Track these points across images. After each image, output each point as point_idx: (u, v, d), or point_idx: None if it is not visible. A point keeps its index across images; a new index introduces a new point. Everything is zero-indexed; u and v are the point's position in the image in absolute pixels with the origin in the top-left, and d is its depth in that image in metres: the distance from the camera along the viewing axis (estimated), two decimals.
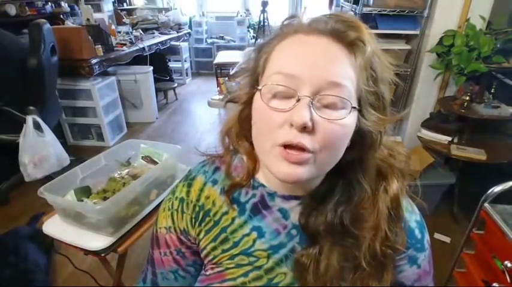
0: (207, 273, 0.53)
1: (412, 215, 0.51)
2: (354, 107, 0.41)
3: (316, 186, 0.49)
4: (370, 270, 0.46)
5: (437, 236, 1.83)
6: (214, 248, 0.52)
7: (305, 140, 0.39)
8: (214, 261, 0.52)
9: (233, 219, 0.52)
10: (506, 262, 0.95)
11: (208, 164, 0.58)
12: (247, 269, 0.50)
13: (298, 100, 0.39)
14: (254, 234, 0.51)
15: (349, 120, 0.41)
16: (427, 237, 0.52)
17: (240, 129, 0.52)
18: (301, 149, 0.39)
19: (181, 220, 0.55)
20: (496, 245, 1.04)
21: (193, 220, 0.54)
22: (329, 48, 0.41)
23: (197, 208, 0.54)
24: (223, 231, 0.52)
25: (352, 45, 0.41)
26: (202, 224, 0.54)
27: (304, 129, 0.39)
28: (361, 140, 0.44)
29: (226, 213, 0.53)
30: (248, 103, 0.47)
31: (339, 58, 0.40)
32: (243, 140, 0.53)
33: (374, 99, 0.43)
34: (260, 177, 0.53)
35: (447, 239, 1.81)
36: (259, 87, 0.43)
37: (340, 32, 0.41)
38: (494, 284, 1.01)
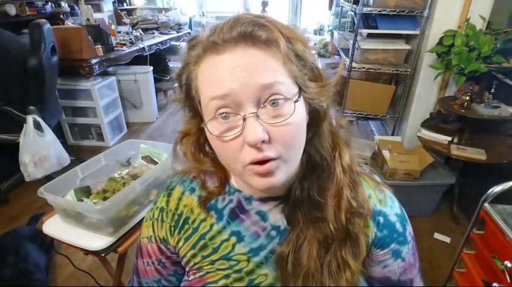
0: (189, 279, 0.53)
1: (392, 209, 0.52)
2: (296, 101, 0.41)
3: (291, 183, 0.49)
4: (339, 236, 0.47)
5: (437, 236, 1.83)
6: (194, 255, 0.53)
7: (268, 152, 0.40)
8: (195, 267, 0.53)
9: (211, 225, 0.53)
10: (506, 262, 0.95)
11: (186, 175, 0.59)
12: (228, 272, 0.51)
13: (244, 119, 0.40)
14: (233, 239, 0.52)
15: (297, 112, 0.42)
16: (409, 229, 0.53)
17: (195, 153, 0.51)
18: (269, 160, 0.41)
19: (160, 229, 0.56)
20: (496, 245, 1.04)
21: (172, 229, 0.55)
22: (246, 55, 0.40)
23: (176, 217, 0.55)
24: (202, 238, 0.53)
25: (266, 43, 0.40)
26: (182, 232, 0.55)
27: (262, 143, 0.39)
28: (316, 115, 0.46)
29: (204, 220, 0.54)
30: (200, 130, 0.48)
31: (260, 60, 0.40)
32: (204, 158, 0.52)
33: (310, 73, 0.44)
34: (234, 182, 0.54)
35: (447, 239, 1.81)
36: (205, 123, 0.43)
37: (250, 35, 0.40)
38: (494, 284, 1.01)
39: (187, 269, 0.55)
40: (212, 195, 0.54)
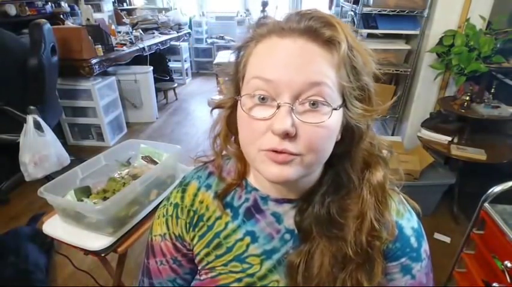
0: (201, 278, 0.53)
1: (408, 222, 0.50)
2: (335, 109, 0.40)
3: (308, 188, 0.49)
4: (358, 260, 0.45)
5: (437, 236, 1.83)
6: (207, 254, 0.52)
7: (289, 146, 0.39)
8: (207, 267, 0.52)
9: (226, 224, 0.52)
10: (506, 262, 0.95)
11: (202, 170, 0.58)
12: (240, 275, 0.50)
13: (279, 107, 0.39)
14: (247, 239, 0.51)
15: (332, 120, 0.40)
16: (424, 247, 0.50)
17: (228, 133, 0.51)
18: (287, 153, 0.40)
19: (176, 226, 0.55)
20: (496, 245, 1.04)
21: (187, 225, 0.54)
22: (304, 49, 0.39)
23: (191, 213, 0.54)
24: (217, 236, 0.52)
25: (327, 43, 0.40)
26: (196, 229, 0.53)
27: (286, 135, 0.39)
28: (350, 134, 0.44)
29: (219, 218, 0.52)
30: (233, 107, 0.47)
31: (315, 58, 0.40)
32: (232, 143, 0.52)
33: (359, 92, 0.42)
34: (252, 180, 0.53)
35: (447, 239, 1.81)
36: (240, 97, 0.43)
37: (315, 31, 0.40)
38: (494, 284, 1.01)
39: (199, 268, 0.54)
40: (230, 188, 0.53)
